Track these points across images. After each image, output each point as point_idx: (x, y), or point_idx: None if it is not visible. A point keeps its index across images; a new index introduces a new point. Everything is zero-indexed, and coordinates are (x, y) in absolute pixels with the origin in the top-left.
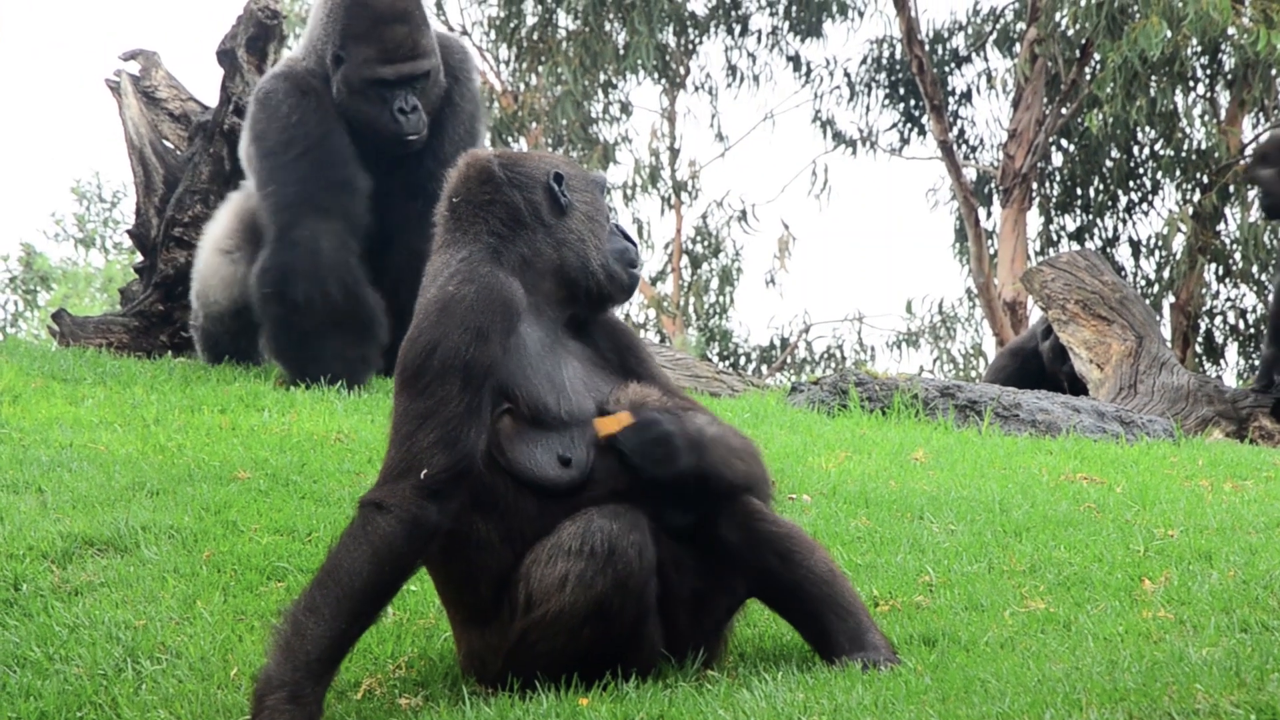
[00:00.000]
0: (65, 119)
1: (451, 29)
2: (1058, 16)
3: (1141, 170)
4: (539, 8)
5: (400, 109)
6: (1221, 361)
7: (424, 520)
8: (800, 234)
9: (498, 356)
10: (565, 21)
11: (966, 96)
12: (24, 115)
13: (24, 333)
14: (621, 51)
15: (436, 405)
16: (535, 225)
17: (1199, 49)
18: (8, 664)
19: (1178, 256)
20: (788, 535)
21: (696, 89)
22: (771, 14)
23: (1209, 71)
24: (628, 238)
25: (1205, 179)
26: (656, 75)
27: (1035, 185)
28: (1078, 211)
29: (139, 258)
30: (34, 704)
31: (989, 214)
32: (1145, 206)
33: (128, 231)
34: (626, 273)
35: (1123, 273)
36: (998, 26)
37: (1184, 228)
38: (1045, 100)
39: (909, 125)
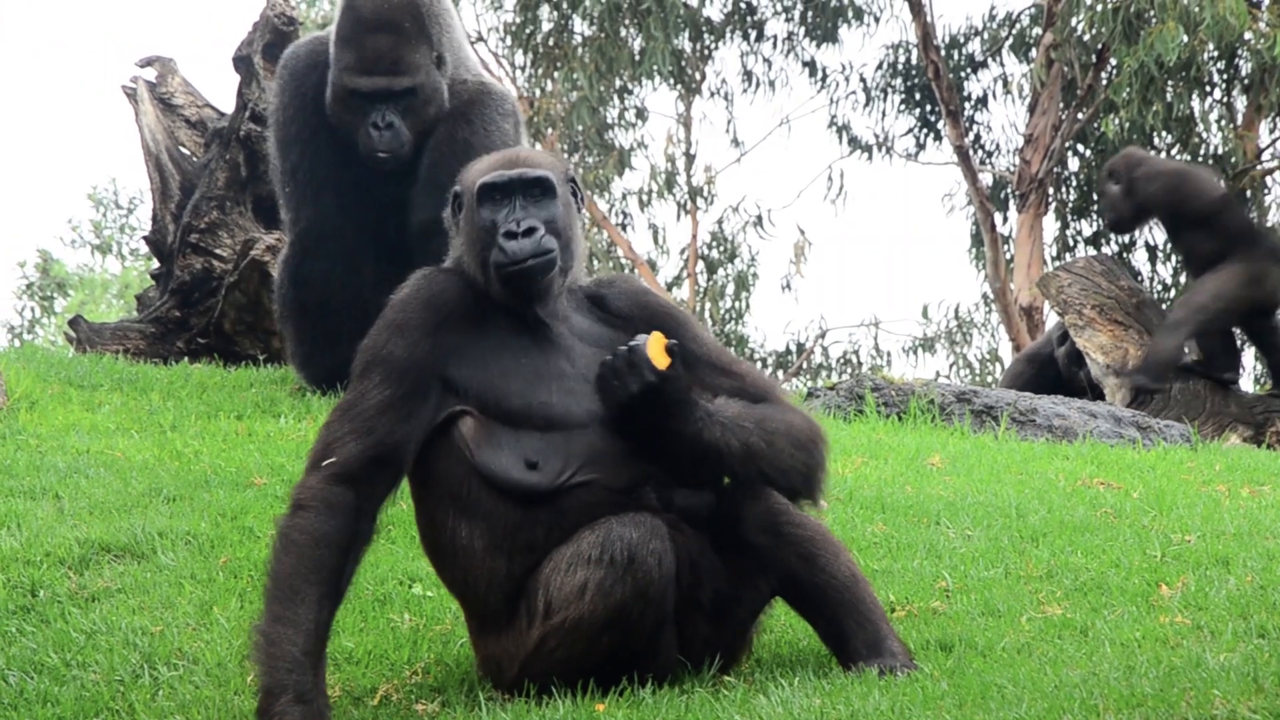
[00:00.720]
0: (82, 126)
1: (467, 35)
2: (1074, 21)
3: None
4: (555, 14)
5: (375, 124)
6: (1239, 367)
7: (336, 503)
8: (816, 239)
9: (423, 349)
10: (581, 27)
11: (983, 102)
12: (41, 122)
13: (41, 339)
14: (637, 57)
15: (356, 399)
16: (458, 234)
17: (1215, 54)
18: (25, 670)
19: None
20: (812, 537)
21: (712, 95)
22: (787, 20)
23: (1225, 76)
24: (501, 243)
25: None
26: (672, 81)
27: (1051, 190)
28: (1094, 216)
29: (155, 264)
30: (51, 710)
31: (1005, 219)
32: None
33: (144, 238)
34: (496, 274)
35: (1139, 277)
36: (1014, 32)
37: None
38: (1061, 105)
39: (925, 130)
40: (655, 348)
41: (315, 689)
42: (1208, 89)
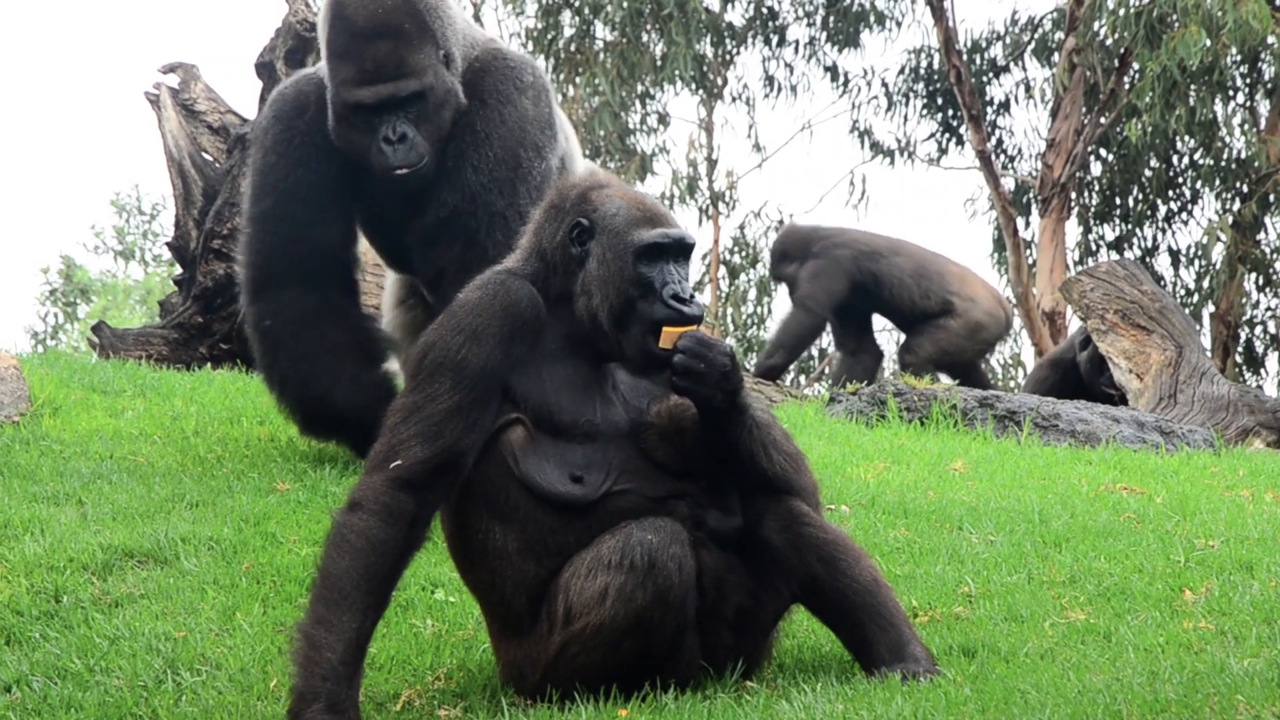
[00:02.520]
0: (105, 132)
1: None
2: (1096, 26)
3: (1181, 180)
4: (576, 19)
5: (386, 138)
6: (1262, 371)
7: (397, 509)
8: None
9: (496, 360)
10: (603, 33)
11: (1005, 106)
12: (64, 129)
13: (64, 345)
14: (659, 62)
15: (424, 401)
16: (558, 263)
17: (1238, 58)
18: (49, 676)
19: (1217, 266)
20: (833, 542)
21: (734, 100)
22: (809, 25)
23: (1249, 80)
24: (674, 303)
25: (1245, 188)
26: (694, 86)
27: (1074, 195)
28: (1116, 221)
29: (178, 270)
30: (75, 716)
31: (1027, 224)
32: (1185, 216)
33: (167, 244)
34: (643, 339)
35: (1162, 282)
36: (1036, 36)
37: (1224, 237)
38: (1084, 110)
39: (947, 135)
40: None
41: (348, 700)
42: (1230, 93)
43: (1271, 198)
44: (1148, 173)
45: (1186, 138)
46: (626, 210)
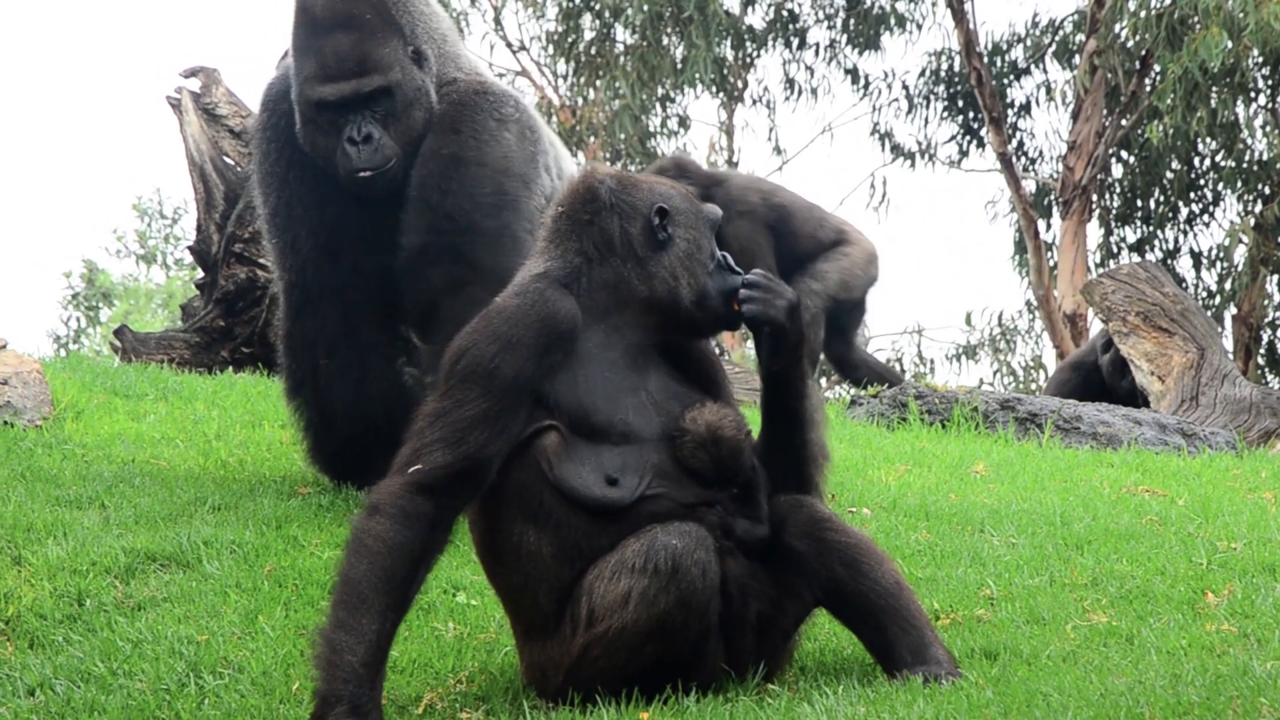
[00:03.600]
0: (127, 136)
1: (510, 44)
2: (1117, 28)
3: (1202, 181)
4: (597, 22)
5: (350, 138)
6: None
7: (414, 513)
8: None
9: (529, 369)
10: (623, 36)
11: (1025, 108)
12: (86, 133)
13: (86, 349)
14: (679, 65)
15: (452, 407)
16: (627, 255)
17: (1260, 59)
18: (72, 679)
19: (1239, 268)
20: (856, 545)
21: (754, 102)
22: (829, 27)
23: (1270, 82)
24: (734, 271)
25: (1267, 190)
26: (714, 89)
27: (1095, 197)
28: (1138, 223)
29: (200, 274)
30: (98, 719)
31: (1048, 226)
32: (1206, 218)
33: (189, 248)
34: (725, 306)
35: (1184, 284)
36: (1057, 38)
37: (1245, 239)
38: (1105, 112)
39: (968, 137)
40: None
41: (371, 702)
42: (1252, 95)
43: None
44: (1169, 175)
45: (1208, 140)
46: (676, 192)
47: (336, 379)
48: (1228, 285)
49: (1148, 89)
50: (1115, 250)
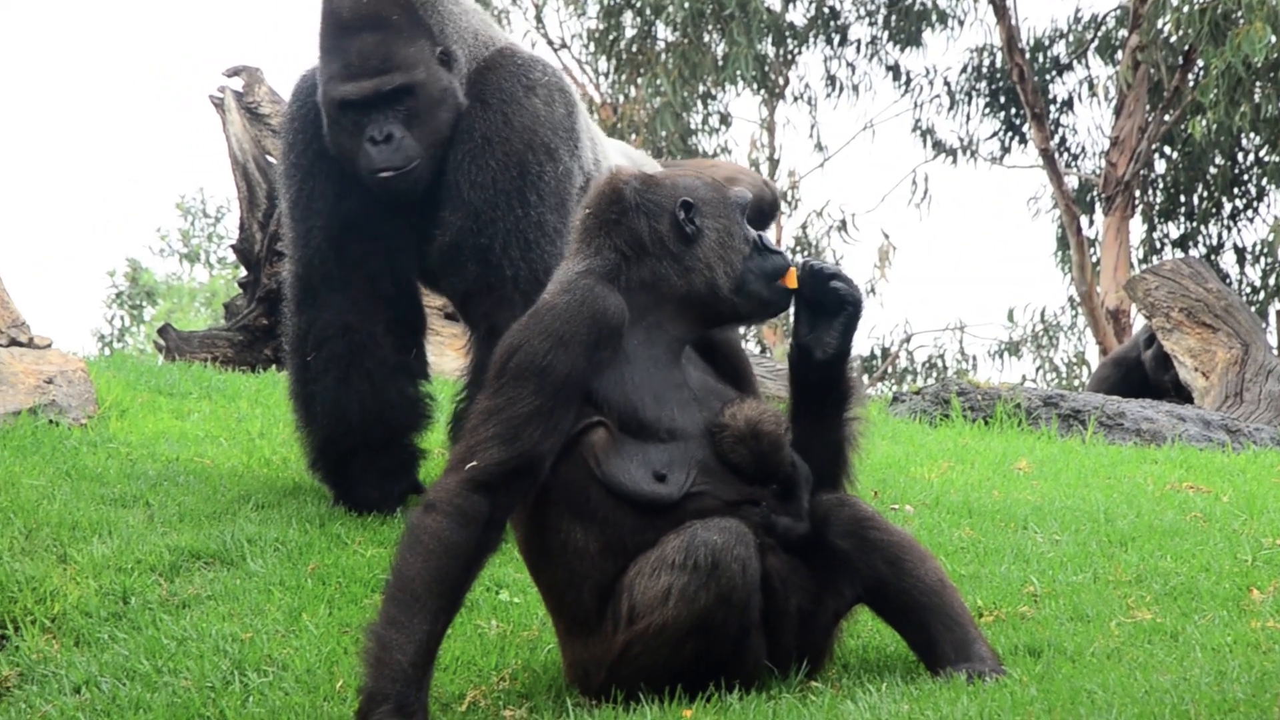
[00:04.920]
0: (170, 136)
1: (551, 42)
2: (1160, 23)
3: (1246, 177)
4: (638, 20)
5: (371, 138)
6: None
7: (470, 512)
8: (901, 243)
9: (580, 366)
10: (664, 33)
11: (1068, 104)
12: (130, 133)
13: (130, 347)
14: (720, 62)
15: (505, 404)
16: (660, 252)
17: None
18: (117, 677)
19: None
20: (899, 543)
21: (795, 99)
22: (870, 24)
23: None
24: (773, 251)
25: None
26: (755, 86)
27: (1138, 193)
28: (1181, 219)
29: (243, 272)
30: (143, 716)
31: (1091, 222)
32: (1250, 213)
33: (231, 246)
34: (768, 288)
35: (1227, 280)
36: (1099, 34)
37: None
38: (1148, 107)
39: (1010, 134)
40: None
41: (417, 701)
42: None
43: None
44: (1212, 170)
45: (1251, 135)
46: (701, 182)
47: (322, 373)
48: (1272, 281)
49: (1191, 84)
50: (1158, 246)
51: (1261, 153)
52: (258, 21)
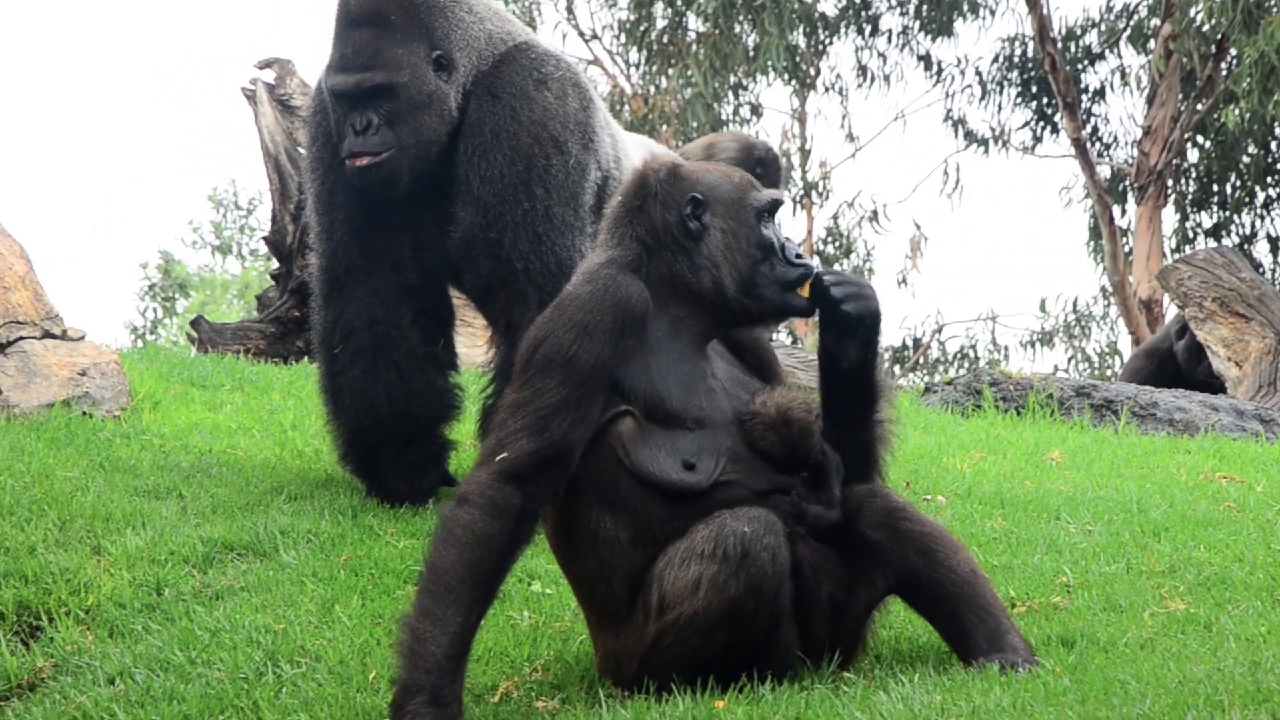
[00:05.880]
0: (202, 128)
1: (582, 34)
2: (1192, 12)
3: (1279, 165)
4: (669, 11)
5: (352, 125)
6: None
7: (502, 503)
8: (932, 234)
9: (606, 355)
10: (695, 24)
11: (1100, 94)
12: (162, 125)
13: (163, 339)
14: (751, 53)
15: (533, 396)
16: (673, 246)
17: None
18: (151, 668)
19: None
20: (931, 534)
21: (827, 90)
22: (902, 14)
23: None
24: (794, 261)
25: None
26: (787, 76)
27: (1170, 182)
28: (1214, 208)
29: (275, 264)
30: (177, 708)
31: (1123, 212)
32: None
33: (264, 238)
34: (781, 296)
35: (1261, 270)
36: (1131, 23)
37: None
38: (1180, 96)
39: (1041, 123)
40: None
41: (451, 693)
42: None
43: None
44: (1246, 159)
45: None
46: (726, 179)
47: (349, 366)
48: None
49: (1223, 73)
50: (1191, 236)
51: None
52: (292, 13)
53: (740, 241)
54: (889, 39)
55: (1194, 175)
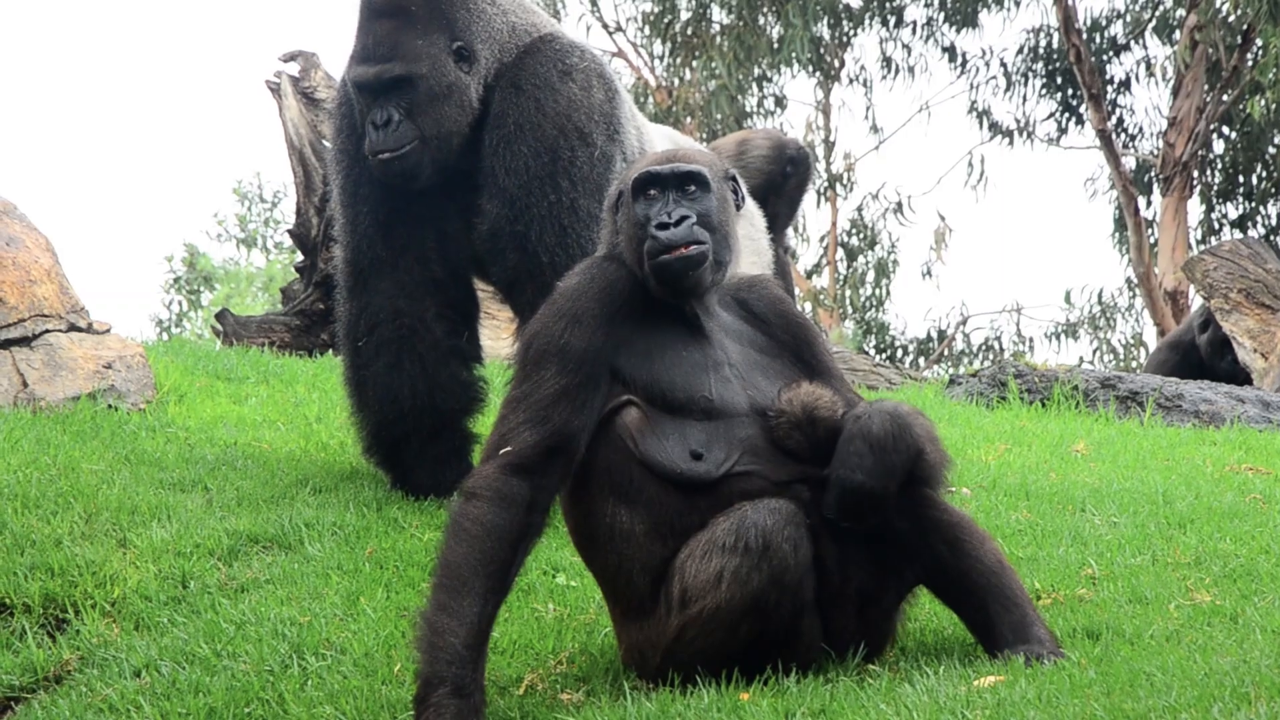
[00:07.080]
0: (227, 121)
1: (606, 26)
2: (1218, 3)
3: None
4: (692, 2)
5: (373, 121)
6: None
7: (510, 495)
8: (957, 225)
9: (599, 341)
10: (719, 15)
11: (1125, 85)
12: (187, 118)
13: (188, 332)
14: (776, 45)
15: (531, 389)
16: (620, 233)
17: None
18: (177, 660)
19: None
20: (958, 524)
21: (851, 81)
22: (926, 5)
23: None
24: (654, 233)
25: None
26: (811, 68)
27: (1196, 173)
28: (1240, 199)
29: (300, 257)
30: (203, 700)
31: (1149, 203)
32: None
33: (288, 231)
34: (649, 264)
35: None
36: (1157, 14)
37: None
38: (1206, 87)
39: (1066, 115)
40: None
41: (474, 683)
42: None
43: None
44: (1271, 150)
45: None
46: (639, 162)
47: (373, 358)
48: None
49: (1249, 63)
50: (1216, 227)
51: None
52: (317, 6)
53: (628, 222)
54: (913, 30)
55: (1219, 166)
